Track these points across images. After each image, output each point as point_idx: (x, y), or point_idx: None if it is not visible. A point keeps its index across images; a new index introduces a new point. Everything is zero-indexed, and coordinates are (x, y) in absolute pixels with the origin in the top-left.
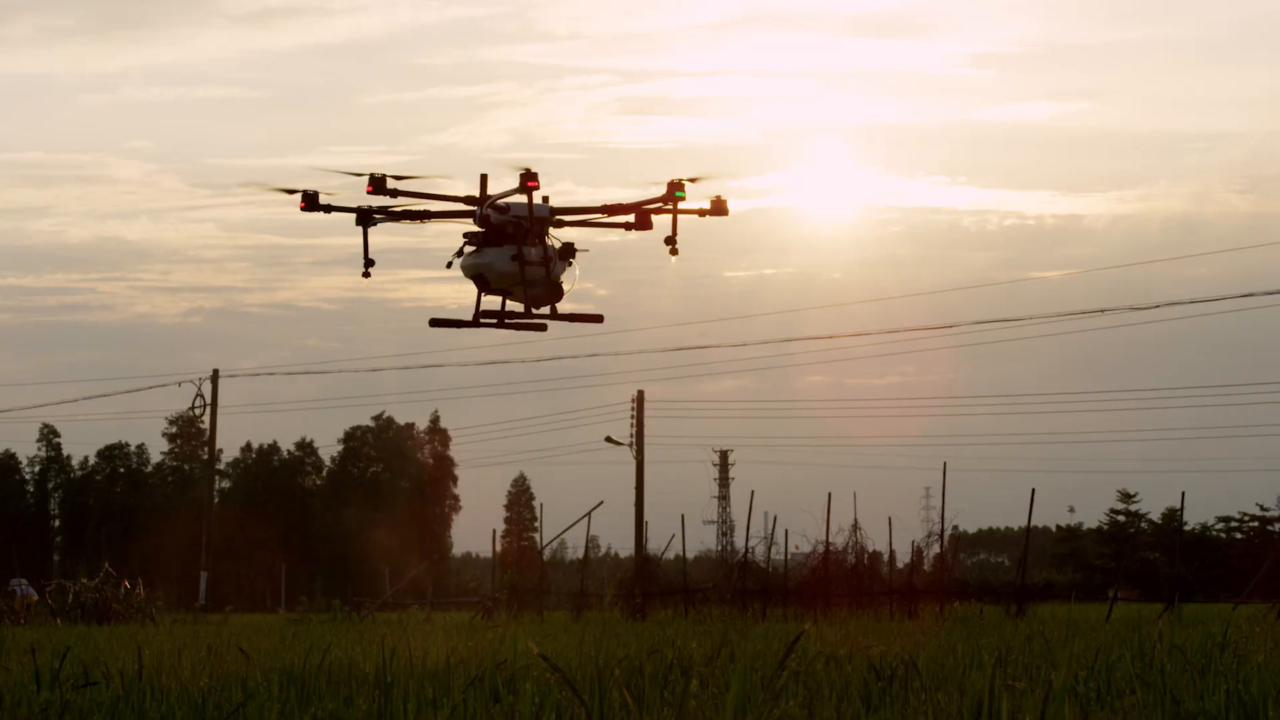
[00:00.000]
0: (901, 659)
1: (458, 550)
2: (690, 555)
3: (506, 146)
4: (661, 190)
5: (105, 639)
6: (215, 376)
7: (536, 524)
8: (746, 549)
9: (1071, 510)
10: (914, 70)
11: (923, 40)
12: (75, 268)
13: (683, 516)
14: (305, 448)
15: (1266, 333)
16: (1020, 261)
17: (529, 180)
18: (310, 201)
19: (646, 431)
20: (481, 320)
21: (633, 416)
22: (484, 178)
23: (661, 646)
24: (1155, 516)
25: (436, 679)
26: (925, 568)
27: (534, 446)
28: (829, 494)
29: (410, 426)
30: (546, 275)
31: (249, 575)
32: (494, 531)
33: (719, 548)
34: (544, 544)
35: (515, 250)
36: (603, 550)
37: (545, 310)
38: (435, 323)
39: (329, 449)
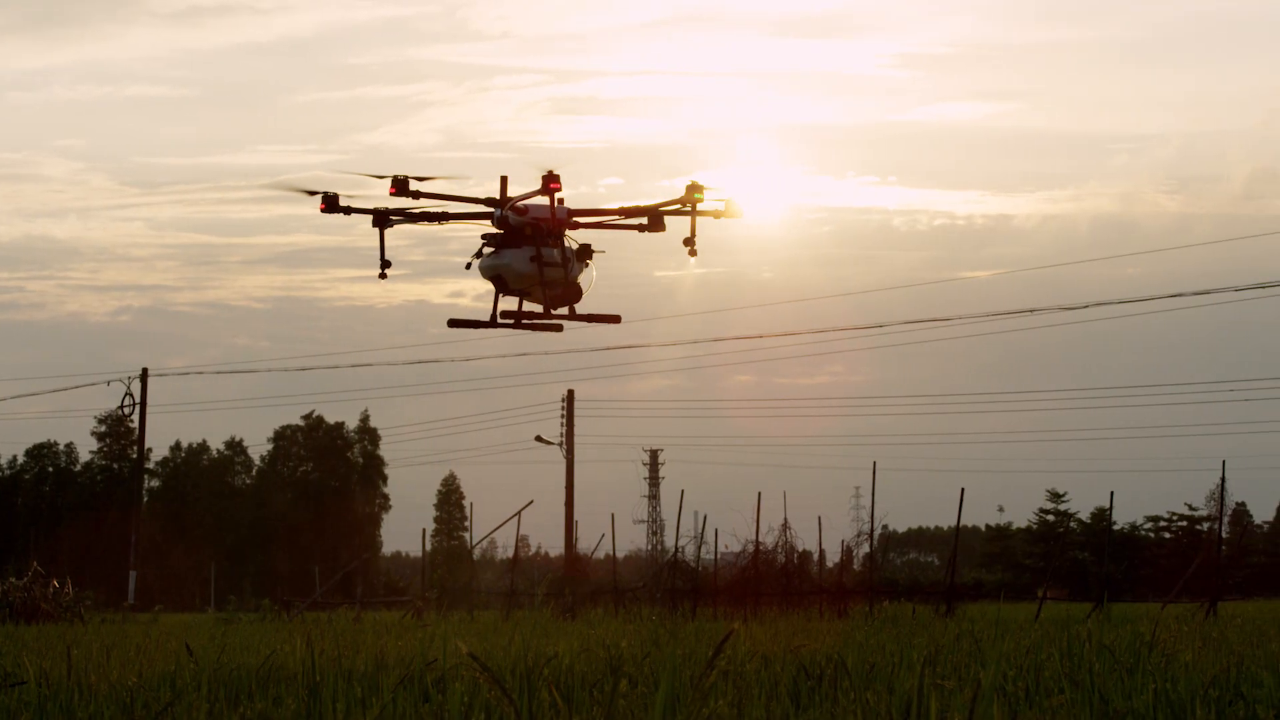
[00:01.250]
0: (831, 658)
1: (387, 549)
2: (620, 554)
3: (437, 146)
4: (681, 192)
5: (33, 638)
6: (144, 375)
7: (466, 523)
8: (676, 548)
9: (1001, 510)
10: (843, 70)
11: (852, 40)
12: (3, 266)
13: (613, 516)
14: (235, 447)
15: (1195, 333)
16: (949, 261)
17: (551, 182)
18: (330, 203)
19: (576, 431)
20: (499, 321)
21: (563, 416)
22: (504, 179)
23: (591, 646)
24: (1084, 516)
25: (365, 679)
26: (855, 567)
27: (464, 446)
28: (759, 493)
29: (340, 425)
30: (565, 276)
31: (178, 575)
32: (424, 531)
33: (649, 547)
34: (474, 543)
35: (534, 251)
36: (533, 549)
37: (563, 311)
38: (454, 323)
39: (258, 448)
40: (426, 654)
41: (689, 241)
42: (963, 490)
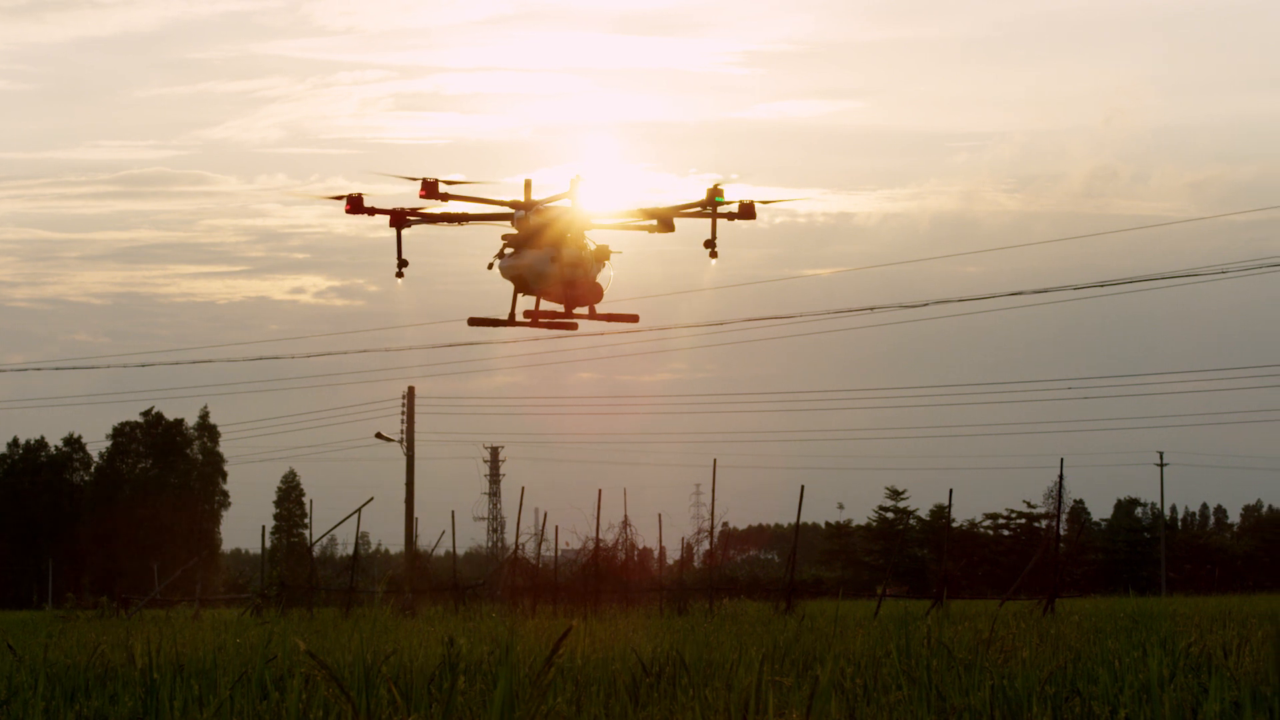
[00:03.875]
0: (670, 656)
1: (227, 546)
2: (461, 552)
3: (280, 142)
4: (701, 195)
5: None
6: None
7: (306, 520)
8: (517, 545)
9: (841, 507)
10: (685, 68)
11: (694, 38)
12: None
13: (453, 513)
14: (73, 444)
15: (1034, 331)
16: (791, 259)
17: (580, 185)
18: (355, 204)
19: (417, 428)
20: (517, 320)
21: (403, 413)
22: (528, 182)
23: (431, 643)
24: (923, 513)
25: (203, 676)
26: (695, 564)
27: (304, 443)
28: (599, 491)
29: (180, 423)
30: (585, 276)
31: (15, 572)
32: (263, 528)
33: (489, 544)
34: (313, 540)
35: (554, 252)
36: (373, 547)
37: (584, 310)
38: (474, 321)
39: (98, 445)
40: (266, 651)
41: (709, 243)
42: (802, 488)
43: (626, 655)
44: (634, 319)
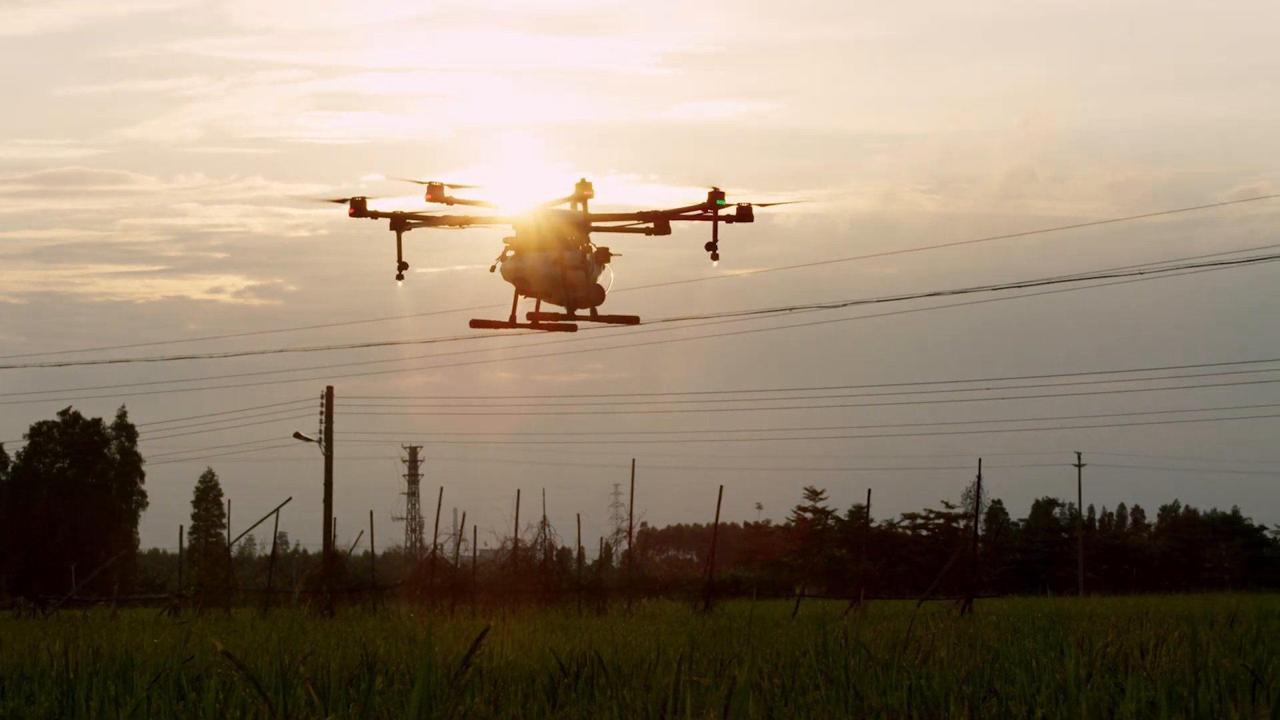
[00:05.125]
0: (588, 656)
1: (145, 546)
2: (380, 552)
3: (198, 141)
4: (702, 198)
5: None
6: None
7: (224, 520)
8: (435, 545)
9: (759, 507)
10: (605, 68)
11: (613, 38)
12: None
13: (371, 513)
14: None
15: (952, 332)
16: (710, 259)
17: (585, 189)
18: (359, 207)
19: (336, 428)
20: (518, 323)
21: (322, 412)
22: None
23: (348, 643)
24: (842, 513)
25: (120, 676)
26: (614, 564)
27: (222, 443)
28: (518, 491)
29: (98, 422)
30: (587, 278)
31: None
32: (181, 528)
33: (408, 544)
34: (231, 540)
35: (556, 255)
36: (292, 547)
37: (585, 312)
38: (476, 323)
39: (14, 445)
40: (183, 651)
41: (711, 246)
42: (721, 488)
43: (545, 655)
44: (635, 320)
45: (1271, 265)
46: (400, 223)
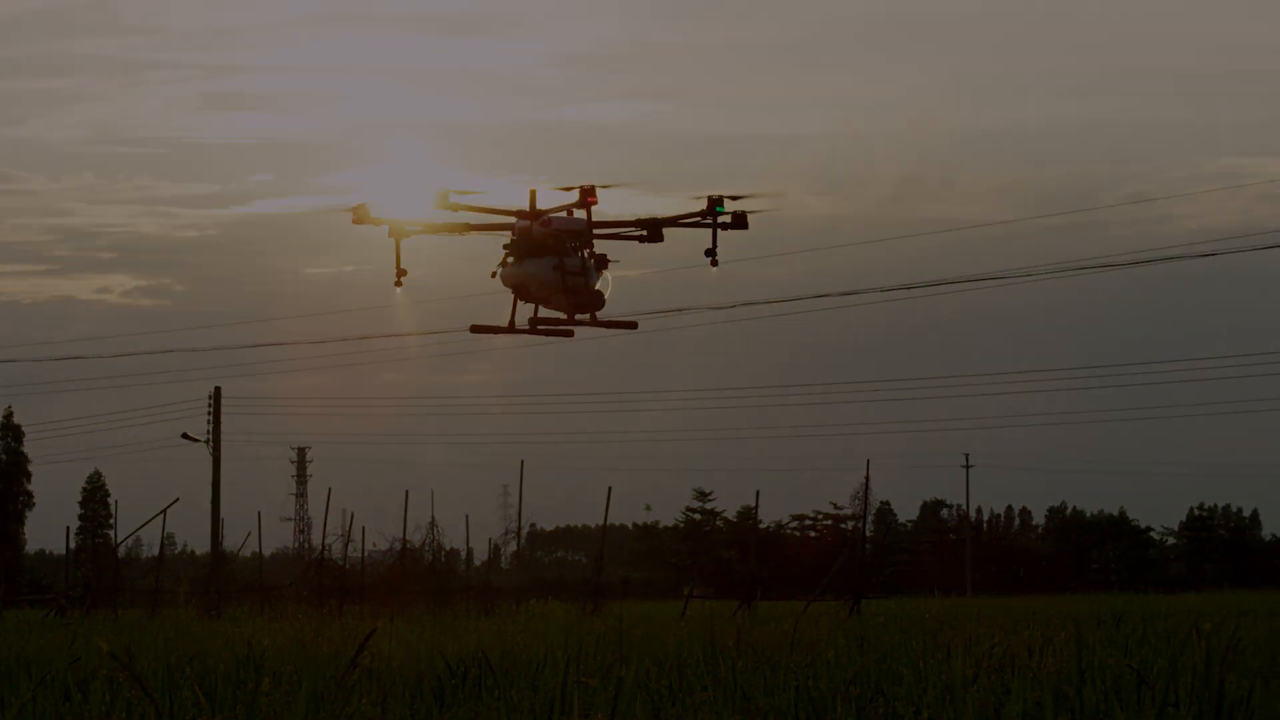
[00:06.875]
0: (476, 657)
1: (31, 547)
2: (268, 553)
3: (87, 140)
4: (700, 205)
5: None
6: None
7: (112, 521)
8: (323, 546)
9: (648, 508)
10: (495, 69)
11: (502, 39)
12: None
13: (259, 514)
14: None
15: (841, 333)
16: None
17: (589, 196)
18: (361, 214)
19: (224, 428)
20: (517, 327)
21: (209, 413)
22: (533, 193)
23: (235, 644)
24: (731, 515)
25: (6, 677)
26: (503, 565)
27: (110, 443)
28: (406, 492)
29: None
30: (586, 284)
31: None
32: (68, 529)
33: (296, 545)
34: (119, 541)
35: (556, 261)
36: (179, 547)
37: (584, 317)
38: (476, 329)
39: None
40: (69, 652)
41: (710, 252)
42: (610, 489)
43: (433, 657)
44: (633, 325)
45: (1158, 268)
46: (398, 230)
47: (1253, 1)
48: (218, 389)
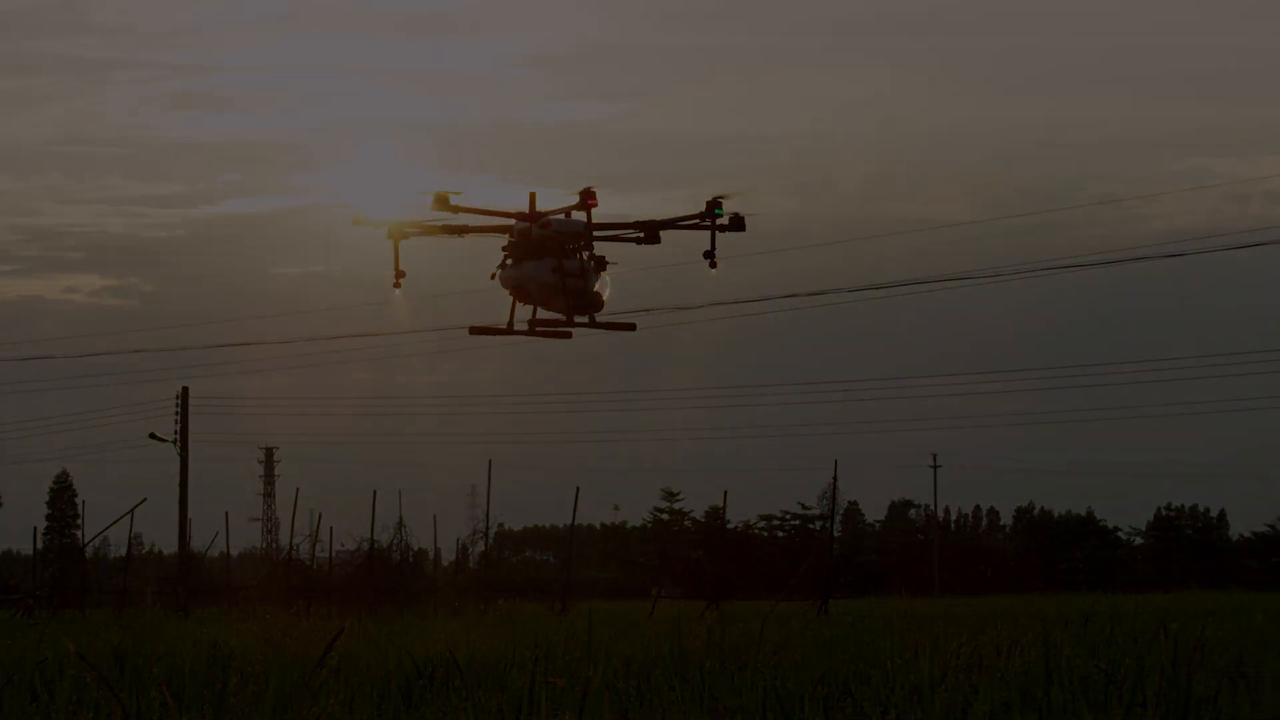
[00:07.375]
0: (444, 657)
1: None
2: (236, 553)
3: (55, 140)
4: (699, 208)
5: None
6: None
7: (79, 521)
8: (291, 546)
9: (616, 508)
10: (464, 68)
11: (473, 39)
12: None
13: (227, 514)
14: None
15: (808, 333)
16: None
17: (589, 198)
18: (360, 217)
19: (191, 428)
20: (516, 329)
21: (177, 413)
22: (533, 195)
23: (203, 644)
24: (699, 515)
25: None
26: (471, 565)
27: (77, 443)
28: (374, 492)
29: None
30: (585, 286)
31: None
32: (35, 529)
33: (264, 546)
34: (86, 541)
35: (556, 263)
36: (147, 548)
37: (583, 319)
38: (475, 330)
39: None
40: (36, 653)
41: (709, 254)
42: (578, 489)
43: (400, 657)
44: (631, 327)
45: (1125, 268)
46: (397, 232)
47: (1216, 4)
48: (185, 389)
